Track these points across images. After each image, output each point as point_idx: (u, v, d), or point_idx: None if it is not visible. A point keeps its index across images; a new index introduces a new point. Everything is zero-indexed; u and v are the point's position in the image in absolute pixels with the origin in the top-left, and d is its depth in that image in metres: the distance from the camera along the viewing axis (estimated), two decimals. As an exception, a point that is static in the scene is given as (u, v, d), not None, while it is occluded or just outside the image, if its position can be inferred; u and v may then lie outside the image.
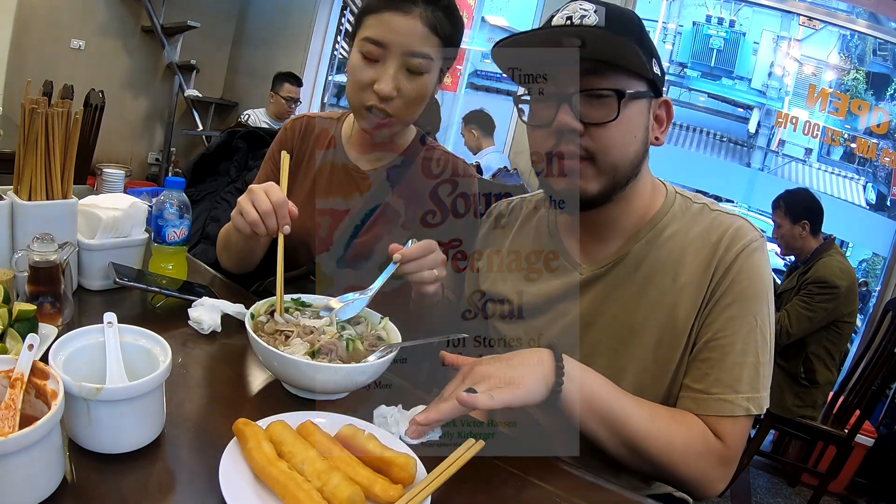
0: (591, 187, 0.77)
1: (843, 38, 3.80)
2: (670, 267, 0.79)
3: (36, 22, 3.91)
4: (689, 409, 0.76)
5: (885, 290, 3.13)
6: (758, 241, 0.78)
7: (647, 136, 0.79)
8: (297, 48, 4.66)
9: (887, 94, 3.66)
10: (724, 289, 0.76)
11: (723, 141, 4.39)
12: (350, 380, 0.73)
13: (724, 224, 0.79)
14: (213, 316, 0.86)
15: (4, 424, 0.47)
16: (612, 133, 0.75)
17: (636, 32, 0.76)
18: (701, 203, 0.83)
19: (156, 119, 4.80)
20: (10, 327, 0.65)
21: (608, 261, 0.83)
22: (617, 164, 0.76)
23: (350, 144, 1.12)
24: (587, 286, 0.84)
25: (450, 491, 0.60)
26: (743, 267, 0.76)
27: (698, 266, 0.78)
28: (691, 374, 0.77)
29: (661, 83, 0.80)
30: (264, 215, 0.84)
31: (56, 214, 0.84)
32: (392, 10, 0.92)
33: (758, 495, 2.49)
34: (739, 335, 0.75)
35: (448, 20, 0.95)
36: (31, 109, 0.80)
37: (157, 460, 0.57)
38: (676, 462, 0.72)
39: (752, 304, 0.76)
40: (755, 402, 0.75)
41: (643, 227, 0.82)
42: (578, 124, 0.74)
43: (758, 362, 0.75)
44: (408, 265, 0.85)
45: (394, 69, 0.93)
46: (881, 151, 3.59)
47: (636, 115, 0.76)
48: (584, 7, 0.75)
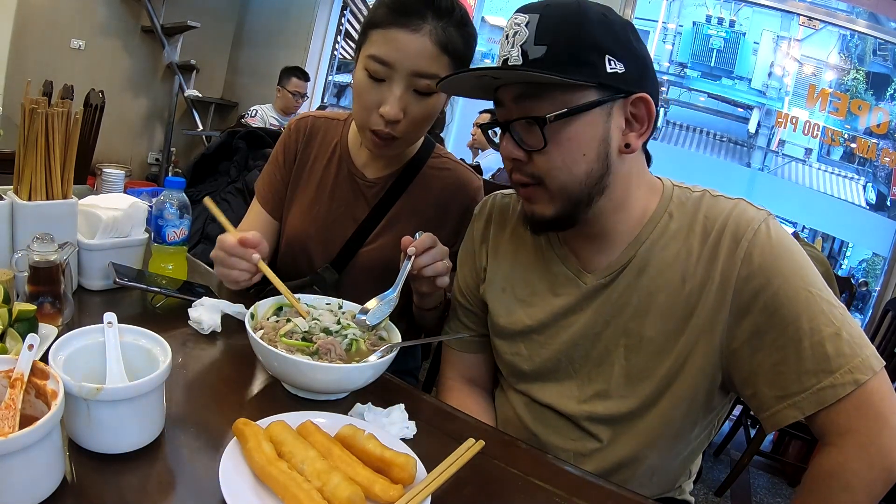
0: (547, 212, 0.75)
1: (843, 38, 3.80)
2: (678, 266, 0.75)
3: (36, 22, 3.91)
4: (793, 417, 0.68)
5: (885, 290, 3.13)
6: (767, 219, 0.73)
7: (608, 148, 0.72)
8: (297, 48, 4.65)
9: (887, 94, 3.65)
10: (757, 283, 0.69)
11: (723, 141, 4.39)
12: (350, 380, 0.73)
13: (725, 210, 0.74)
14: (213, 316, 0.86)
15: (4, 424, 0.47)
16: (551, 158, 0.71)
17: (573, 36, 0.68)
18: (700, 191, 0.79)
19: (156, 119, 4.80)
20: (10, 327, 0.65)
21: (612, 269, 0.79)
22: (566, 185, 0.72)
23: (356, 150, 1.09)
24: (592, 296, 0.80)
25: (450, 491, 0.60)
26: (764, 249, 0.70)
27: (709, 265, 0.73)
28: (777, 382, 0.69)
29: (635, 78, 0.71)
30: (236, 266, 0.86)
31: (56, 214, 0.84)
32: (399, 27, 0.86)
33: (758, 495, 2.49)
34: (802, 315, 0.67)
35: (460, 36, 0.89)
36: (31, 109, 0.80)
37: (157, 460, 0.57)
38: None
39: (794, 278, 0.68)
40: (859, 368, 0.65)
41: (644, 229, 0.78)
42: (519, 152, 0.73)
43: (837, 328, 0.66)
44: (423, 257, 0.84)
45: (400, 90, 0.88)
46: (881, 151, 3.59)
47: (580, 130, 0.70)
48: (518, 21, 0.70)
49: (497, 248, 0.92)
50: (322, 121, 1.12)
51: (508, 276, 0.89)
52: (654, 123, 0.74)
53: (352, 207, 1.07)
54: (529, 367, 0.86)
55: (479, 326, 0.96)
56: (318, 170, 1.10)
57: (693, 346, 0.75)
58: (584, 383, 0.82)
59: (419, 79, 0.88)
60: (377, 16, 0.89)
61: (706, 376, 0.75)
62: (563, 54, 0.68)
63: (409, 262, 0.84)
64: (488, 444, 0.67)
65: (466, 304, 0.96)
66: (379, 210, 1.06)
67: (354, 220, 1.07)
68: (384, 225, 1.07)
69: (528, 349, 0.86)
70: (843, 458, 0.65)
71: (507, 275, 0.89)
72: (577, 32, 0.68)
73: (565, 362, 0.83)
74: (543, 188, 0.74)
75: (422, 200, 1.07)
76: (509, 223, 0.92)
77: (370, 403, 0.72)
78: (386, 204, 1.07)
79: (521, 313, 0.86)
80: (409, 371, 1.24)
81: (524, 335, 0.86)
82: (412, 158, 1.08)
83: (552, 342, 0.84)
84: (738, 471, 2.28)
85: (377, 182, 1.07)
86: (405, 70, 0.87)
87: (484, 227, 0.95)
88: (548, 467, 0.72)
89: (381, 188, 1.07)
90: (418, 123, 0.94)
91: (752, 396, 0.73)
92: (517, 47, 0.70)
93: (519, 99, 0.72)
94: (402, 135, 0.93)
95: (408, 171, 1.07)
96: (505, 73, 0.71)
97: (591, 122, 0.70)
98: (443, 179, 1.08)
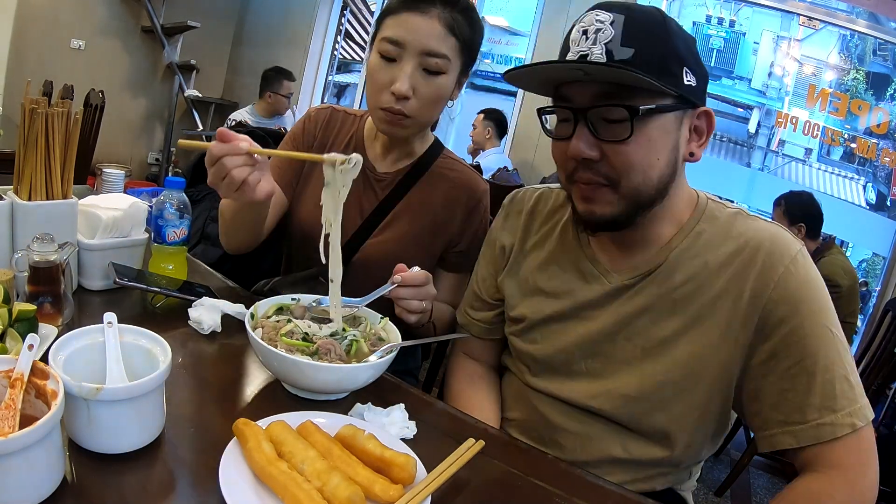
0: (608, 211, 0.74)
1: (843, 38, 3.80)
2: (704, 276, 0.76)
3: (36, 22, 3.91)
4: (789, 444, 0.71)
5: (885, 290, 3.13)
6: (801, 251, 0.74)
7: (677, 155, 0.74)
8: (297, 48, 4.65)
9: (887, 94, 3.65)
10: (784, 312, 0.71)
11: (723, 141, 4.39)
12: (350, 380, 0.73)
13: (762, 229, 0.76)
14: (213, 316, 0.86)
15: (4, 424, 0.47)
16: (630, 155, 0.70)
17: (659, 44, 0.69)
18: (734, 209, 0.80)
19: (156, 119, 4.79)
20: (10, 327, 0.65)
21: (639, 272, 0.79)
22: (639, 188, 0.72)
23: (371, 145, 1.12)
24: (615, 296, 0.81)
25: (450, 491, 0.60)
26: (799, 279, 0.71)
27: (745, 284, 0.73)
28: (780, 407, 0.72)
29: (701, 92, 0.73)
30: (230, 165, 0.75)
31: (56, 214, 0.84)
32: (410, 11, 0.93)
33: (758, 495, 2.49)
34: (820, 352, 0.69)
35: (466, 22, 0.95)
36: (31, 109, 0.80)
37: (157, 460, 0.57)
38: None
39: (821, 315, 0.71)
40: (857, 413, 0.69)
41: (675, 237, 0.79)
42: (593, 153, 0.71)
43: (846, 371, 0.70)
44: (403, 290, 0.86)
45: (410, 68, 0.94)
46: (881, 151, 3.59)
47: (659, 133, 0.71)
48: (601, 18, 0.69)
49: (525, 239, 0.94)
50: (340, 113, 1.15)
51: (532, 268, 0.91)
52: (710, 135, 0.77)
53: (360, 199, 1.09)
54: (542, 356, 0.87)
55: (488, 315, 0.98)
56: None
57: (712, 355, 0.75)
58: (595, 381, 0.82)
59: (429, 57, 0.94)
60: (390, 4, 0.97)
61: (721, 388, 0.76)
62: (651, 60, 0.68)
63: (390, 287, 0.86)
64: (488, 444, 0.67)
65: (479, 292, 0.99)
66: (386, 204, 1.09)
67: (361, 213, 1.09)
68: (390, 219, 1.08)
69: (543, 337, 0.87)
70: (830, 488, 0.69)
71: (531, 267, 0.91)
72: (663, 40, 0.70)
73: (579, 357, 0.84)
74: (612, 189, 0.73)
75: (429, 198, 1.09)
76: (538, 217, 0.94)
77: (370, 403, 0.72)
78: (394, 198, 1.09)
79: (544, 304, 0.88)
80: (409, 371, 1.24)
81: (543, 324, 0.87)
82: (422, 156, 1.10)
83: (568, 334, 0.84)
84: (738, 471, 2.28)
85: (387, 176, 1.10)
86: (415, 49, 0.93)
87: (513, 220, 0.96)
88: (548, 467, 0.72)
89: (391, 182, 1.09)
90: (427, 103, 0.97)
91: (754, 415, 0.75)
92: (600, 45, 0.69)
93: (600, 97, 0.71)
94: (413, 114, 0.97)
95: (417, 167, 1.10)
96: (599, 70, 0.69)
97: (667, 128, 0.72)
98: (450, 179, 1.10)
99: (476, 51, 1.01)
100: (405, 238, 1.08)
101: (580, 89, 0.72)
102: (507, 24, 4.99)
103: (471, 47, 0.99)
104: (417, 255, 1.07)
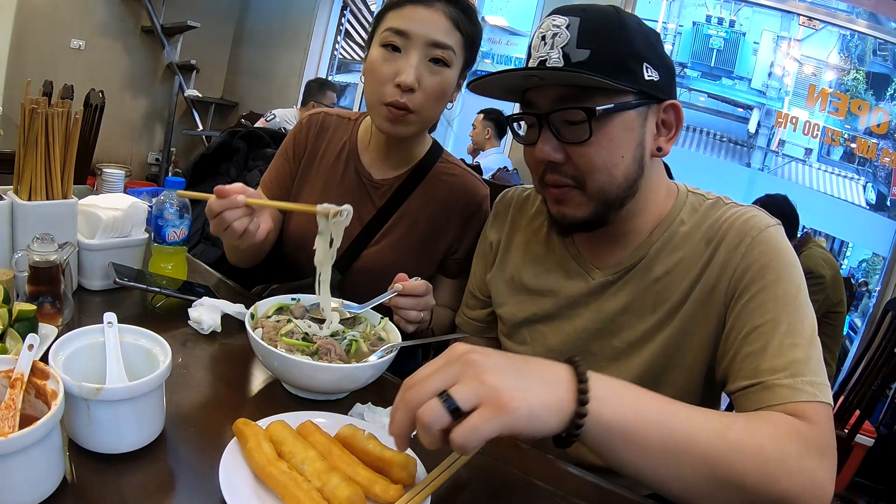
0: (580, 213, 0.75)
1: (843, 38, 3.80)
2: (684, 269, 0.77)
3: (36, 22, 3.91)
4: (746, 408, 0.66)
5: (885, 290, 3.13)
6: (774, 227, 0.74)
7: (643, 151, 0.74)
8: (297, 48, 4.66)
9: (887, 94, 3.65)
10: (750, 276, 0.70)
11: (723, 141, 4.39)
12: (350, 380, 0.73)
13: (736, 214, 0.76)
14: (213, 316, 0.86)
15: (4, 424, 0.47)
16: (592, 156, 0.71)
17: (615, 43, 0.69)
18: (714, 198, 0.81)
19: (156, 119, 4.80)
20: (10, 327, 0.65)
21: (621, 267, 0.81)
22: (605, 187, 0.73)
23: (365, 150, 1.09)
24: (599, 292, 0.82)
25: (450, 491, 0.60)
26: (765, 248, 0.71)
27: (715, 262, 0.74)
28: (739, 374, 0.69)
29: (665, 85, 0.74)
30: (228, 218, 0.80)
31: (56, 214, 0.84)
32: (414, 3, 0.93)
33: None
34: (781, 315, 0.68)
35: (467, 19, 0.96)
36: (31, 109, 0.80)
37: (157, 460, 0.57)
38: (773, 473, 0.54)
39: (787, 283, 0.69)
40: (819, 387, 0.63)
41: (655, 231, 0.80)
42: (558, 155, 0.72)
43: (809, 345, 0.67)
44: (403, 300, 0.86)
45: (416, 59, 0.92)
46: (881, 151, 3.58)
47: (620, 131, 0.71)
48: (557, 23, 0.71)
49: (511, 239, 0.95)
50: (334, 118, 1.13)
51: (518, 266, 0.92)
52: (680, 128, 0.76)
53: (358, 208, 1.07)
54: None
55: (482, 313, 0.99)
56: (326, 167, 1.10)
57: (688, 339, 0.76)
58: None
59: (434, 48, 0.93)
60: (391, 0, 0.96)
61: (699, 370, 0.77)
62: (606, 60, 0.69)
63: (390, 294, 0.86)
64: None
65: (473, 290, 1.01)
66: (385, 212, 1.07)
67: (360, 221, 1.06)
68: (389, 227, 1.07)
69: (532, 338, 0.88)
70: (786, 429, 0.59)
71: (517, 265, 0.92)
72: (619, 39, 0.70)
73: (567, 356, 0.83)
74: (580, 190, 0.74)
75: (428, 204, 1.07)
76: (525, 215, 0.95)
77: (370, 403, 0.72)
78: (392, 206, 1.07)
79: (529, 303, 0.89)
80: (409, 371, 1.24)
81: (530, 324, 0.89)
82: (420, 161, 1.08)
83: (556, 334, 0.86)
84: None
85: (384, 183, 1.07)
86: (421, 39, 0.92)
87: (501, 218, 0.98)
88: (548, 467, 0.72)
89: (388, 190, 1.07)
90: (432, 98, 0.96)
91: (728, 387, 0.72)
92: (557, 49, 0.70)
93: (559, 101, 0.72)
94: (417, 108, 0.95)
95: (415, 174, 1.07)
96: (552, 74, 0.70)
97: (629, 125, 0.72)
98: (449, 185, 1.08)
99: (476, 51, 1.01)
100: (404, 246, 1.06)
101: (541, 94, 0.74)
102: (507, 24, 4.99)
103: (472, 45, 0.99)
104: (417, 263, 1.06)
